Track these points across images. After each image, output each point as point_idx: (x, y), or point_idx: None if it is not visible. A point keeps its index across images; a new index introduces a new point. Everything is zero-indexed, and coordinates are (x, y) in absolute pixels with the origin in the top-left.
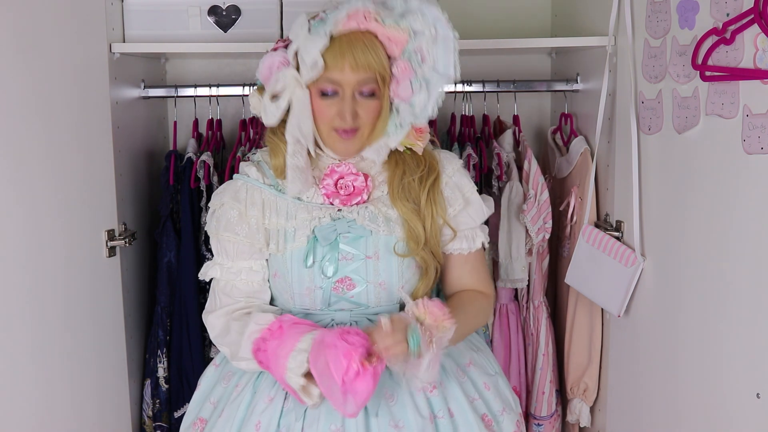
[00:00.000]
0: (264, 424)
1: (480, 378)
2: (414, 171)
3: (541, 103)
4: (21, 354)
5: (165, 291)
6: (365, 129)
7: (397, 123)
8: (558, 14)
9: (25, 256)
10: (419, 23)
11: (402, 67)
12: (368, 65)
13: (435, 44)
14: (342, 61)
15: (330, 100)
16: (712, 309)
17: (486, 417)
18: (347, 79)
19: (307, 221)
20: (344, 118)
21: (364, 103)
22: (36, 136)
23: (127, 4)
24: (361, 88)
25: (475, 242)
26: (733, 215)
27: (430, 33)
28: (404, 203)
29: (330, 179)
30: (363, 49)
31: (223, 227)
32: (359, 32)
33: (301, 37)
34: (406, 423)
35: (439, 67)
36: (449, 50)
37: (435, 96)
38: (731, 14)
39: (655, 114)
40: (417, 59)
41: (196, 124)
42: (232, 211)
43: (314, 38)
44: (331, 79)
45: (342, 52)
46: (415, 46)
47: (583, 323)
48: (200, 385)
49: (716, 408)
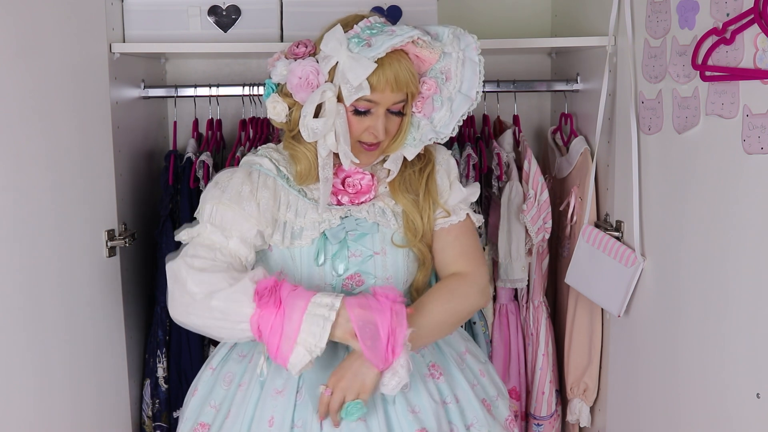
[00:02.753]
0: (278, 420)
1: (476, 365)
2: (415, 163)
3: (541, 103)
4: (20, 354)
5: (165, 291)
6: (386, 142)
7: (416, 137)
8: (558, 14)
9: (24, 256)
10: (450, 46)
11: (428, 85)
12: (406, 86)
13: (463, 66)
14: (385, 83)
15: (362, 117)
16: (712, 309)
17: (485, 402)
18: (385, 98)
19: (316, 222)
20: (377, 134)
21: (392, 119)
22: (36, 136)
23: (127, 4)
24: (394, 106)
25: (458, 215)
26: (733, 215)
27: (458, 55)
28: (405, 195)
29: (337, 178)
30: (403, 70)
31: (229, 197)
32: (396, 53)
33: (342, 55)
34: (422, 408)
35: (464, 88)
36: (475, 73)
37: (458, 117)
38: (731, 14)
39: (655, 114)
40: (442, 78)
41: (195, 124)
42: (243, 186)
43: (362, 62)
44: (370, 99)
45: (386, 75)
46: (443, 65)
47: (583, 323)
48: (197, 389)
49: (716, 408)
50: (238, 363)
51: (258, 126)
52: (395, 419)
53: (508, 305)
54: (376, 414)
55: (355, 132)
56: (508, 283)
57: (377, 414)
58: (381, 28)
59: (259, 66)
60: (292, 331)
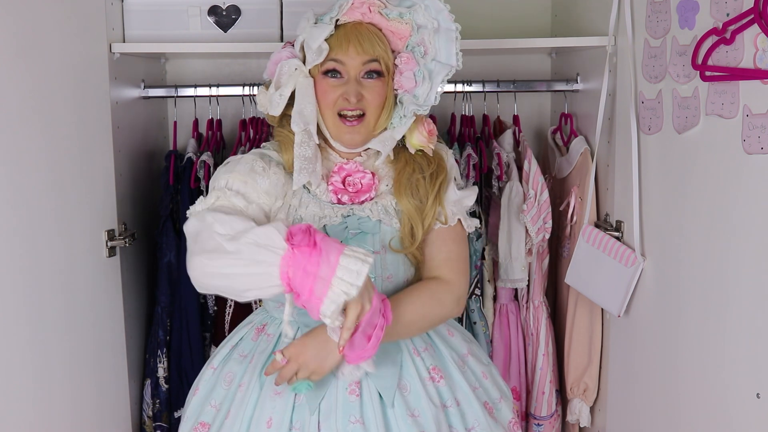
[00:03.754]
0: (276, 421)
1: (478, 367)
2: (424, 169)
3: (541, 103)
4: (21, 354)
5: (165, 291)
6: (370, 116)
7: (402, 114)
8: (558, 14)
9: (24, 256)
10: (422, 17)
11: (405, 59)
12: (372, 49)
13: (437, 35)
14: (347, 44)
15: (334, 82)
16: (712, 309)
17: (488, 405)
18: (352, 61)
19: (317, 216)
20: (349, 98)
21: (368, 84)
22: (36, 136)
23: (127, 4)
24: (365, 69)
25: (450, 219)
26: (733, 215)
27: (432, 25)
28: (409, 199)
29: (338, 176)
30: (367, 35)
31: (240, 171)
32: (364, 23)
33: (307, 29)
34: (422, 412)
35: (441, 57)
36: (451, 40)
37: (437, 84)
38: (731, 14)
39: (655, 114)
40: (420, 51)
41: (196, 124)
42: (255, 162)
43: (320, 26)
44: (335, 59)
45: (347, 37)
46: (418, 38)
47: (583, 323)
48: (198, 388)
49: (716, 408)
50: (239, 363)
51: (258, 126)
52: (394, 423)
53: (509, 305)
54: (374, 417)
55: (330, 100)
56: (508, 283)
57: (375, 418)
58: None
59: (259, 66)
60: (329, 271)
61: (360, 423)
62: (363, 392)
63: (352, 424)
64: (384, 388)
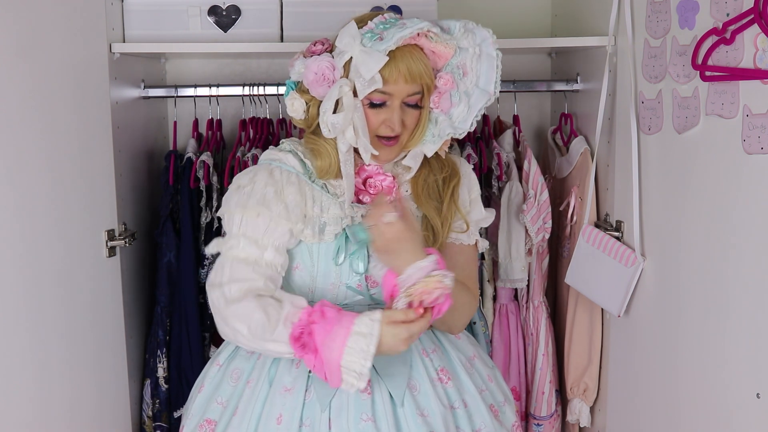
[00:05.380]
0: (286, 418)
1: (484, 370)
2: (438, 172)
3: (541, 103)
4: (20, 354)
5: (165, 291)
6: (405, 136)
7: (435, 133)
8: (558, 14)
9: (24, 256)
10: (466, 41)
11: (445, 80)
12: (420, 77)
13: (479, 61)
14: (398, 75)
15: (378, 110)
16: (712, 309)
17: (493, 407)
18: (399, 90)
19: (339, 218)
20: (393, 127)
21: (409, 112)
22: (36, 136)
23: (127, 4)
24: (409, 98)
25: (470, 237)
26: (733, 215)
27: (474, 50)
28: (428, 201)
29: (359, 177)
30: (416, 62)
31: (256, 201)
32: (409, 45)
33: (355, 50)
34: (431, 412)
35: (481, 83)
36: (492, 68)
37: (475, 111)
38: (731, 14)
39: (655, 114)
40: (459, 73)
41: (195, 124)
42: (267, 188)
43: (374, 56)
44: (383, 91)
45: (398, 67)
46: (459, 60)
47: (583, 323)
48: (203, 385)
49: (716, 408)
50: (246, 360)
51: (258, 126)
52: (404, 422)
53: (508, 305)
54: (385, 416)
55: (372, 125)
56: (508, 283)
57: (386, 416)
58: (394, 23)
59: (259, 66)
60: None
61: (371, 421)
62: (374, 391)
63: (364, 422)
64: (394, 387)
